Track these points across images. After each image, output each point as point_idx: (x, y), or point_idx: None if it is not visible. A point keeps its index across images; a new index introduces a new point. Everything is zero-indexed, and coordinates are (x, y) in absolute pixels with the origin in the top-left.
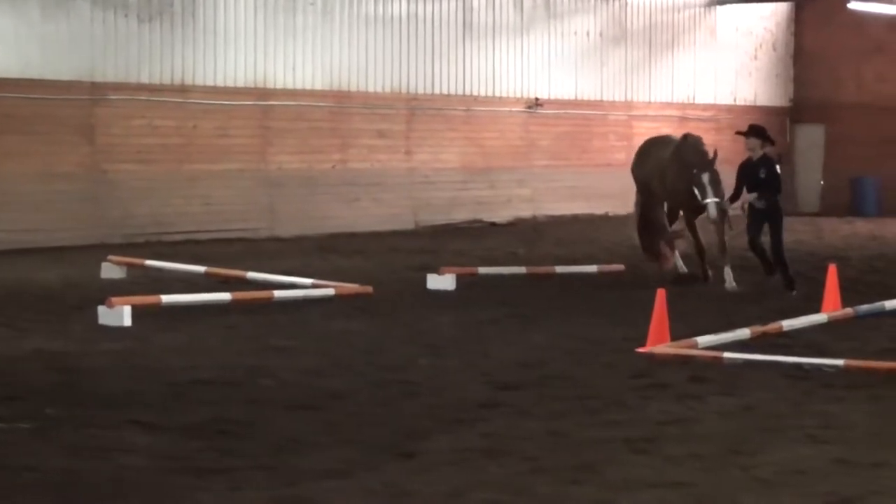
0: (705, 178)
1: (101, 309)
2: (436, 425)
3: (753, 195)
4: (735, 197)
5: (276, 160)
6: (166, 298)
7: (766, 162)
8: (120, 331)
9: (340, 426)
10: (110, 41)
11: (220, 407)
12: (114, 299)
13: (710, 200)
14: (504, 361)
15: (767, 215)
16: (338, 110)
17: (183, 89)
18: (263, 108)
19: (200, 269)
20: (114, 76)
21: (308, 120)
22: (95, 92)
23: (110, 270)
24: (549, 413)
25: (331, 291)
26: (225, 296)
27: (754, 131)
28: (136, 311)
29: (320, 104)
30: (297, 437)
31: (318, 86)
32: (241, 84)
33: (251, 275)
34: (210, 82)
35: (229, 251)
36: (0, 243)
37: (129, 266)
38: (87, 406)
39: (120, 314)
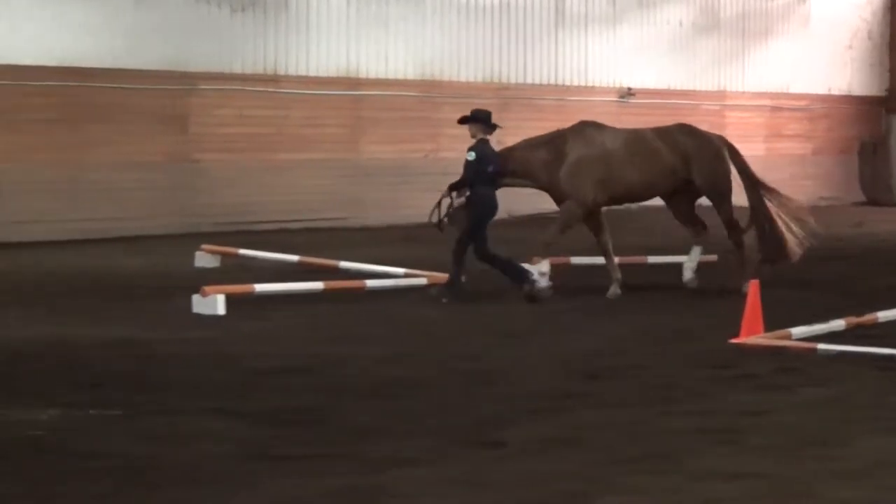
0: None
1: (195, 297)
2: (514, 415)
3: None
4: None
5: (367, 150)
6: (259, 287)
7: (473, 148)
8: (212, 319)
9: (419, 415)
10: (202, 30)
11: (299, 395)
12: (207, 288)
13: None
14: (589, 351)
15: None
16: (429, 100)
17: (274, 79)
18: (354, 97)
19: (293, 257)
20: (205, 66)
21: (399, 109)
22: (187, 81)
23: (204, 259)
24: (630, 403)
25: (423, 281)
26: (317, 285)
27: (474, 116)
28: (230, 300)
29: (411, 94)
30: (375, 426)
31: (410, 75)
32: (332, 73)
33: (343, 264)
34: (301, 72)
35: (319, 240)
36: (91, 232)
37: (223, 255)
38: (172, 393)
39: (213, 302)
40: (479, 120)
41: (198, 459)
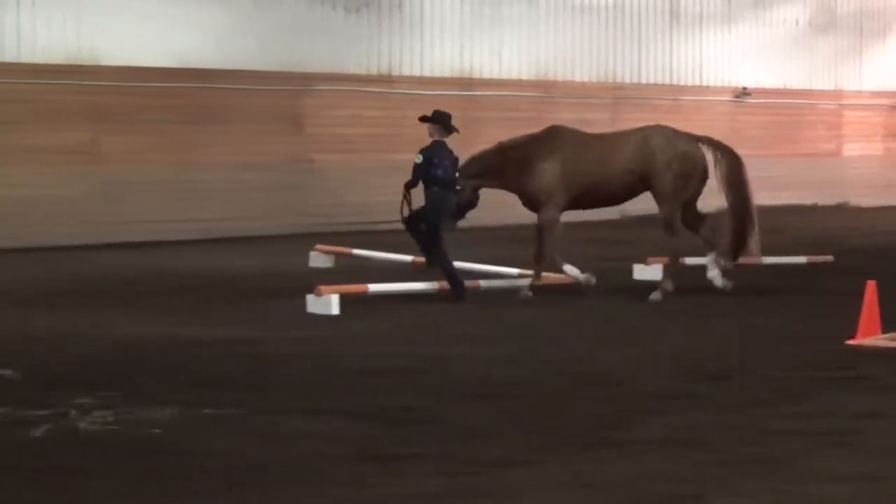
0: None
1: (310, 297)
2: (625, 415)
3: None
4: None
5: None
6: (373, 287)
7: (423, 151)
8: (326, 319)
9: (529, 416)
10: (317, 32)
11: (410, 395)
12: (322, 287)
13: None
14: (702, 352)
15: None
16: (543, 100)
17: (389, 79)
18: (468, 97)
19: (407, 258)
20: (321, 67)
21: (513, 109)
22: (302, 82)
23: (318, 259)
24: (743, 404)
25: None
26: (431, 285)
27: (434, 118)
28: (344, 300)
29: (525, 94)
30: (485, 426)
31: (524, 75)
32: (446, 74)
33: (457, 264)
34: (416, 72)
35: None
36: (208, 232)
37: (337, 255)
38: (286, 393)
39: (328, 302)
40: (439, 122)
41: (310, 458)
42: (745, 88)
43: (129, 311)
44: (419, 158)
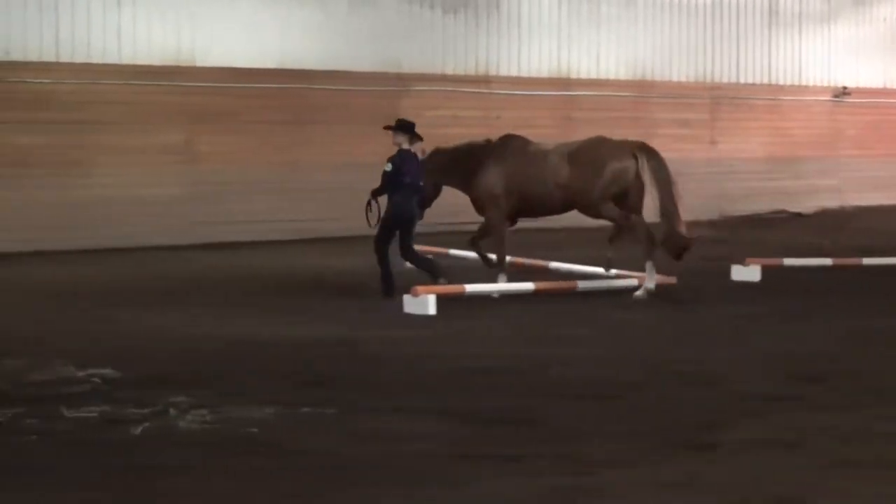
0: None
1: (407, 297)
2: (728, 417)
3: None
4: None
5: None
6: (470, 287)
7: (391, 159)
8: (423, 319)
9: (628, 417)
10: (415, 32)
11: (508, 395)
12: (419, 288)
13: None
14: (803, 353)
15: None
16: (640, 100)
17: (486, 80)
18: (566, 98)
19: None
20: (418, 67)
21: (610, 110)
22: (400, 83)
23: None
24: (848, 406)
25: (633, 282)
26: (528, 285)
27: (399, 126)
28: (441, 300)
29: (623, 94)
30: (583, 427)
31: (621, 75)
32: (543, 74)
33: (553, 265)
34: (513, 72)
35: (528, 240)
36: (305, 231)
37: (434, 255)
38: (383, 392)
39: (425, 303)
40: (405, 130)
41: (407, 458)
42: (844, 88)
43: (226, 311)
44: (388, 167)
